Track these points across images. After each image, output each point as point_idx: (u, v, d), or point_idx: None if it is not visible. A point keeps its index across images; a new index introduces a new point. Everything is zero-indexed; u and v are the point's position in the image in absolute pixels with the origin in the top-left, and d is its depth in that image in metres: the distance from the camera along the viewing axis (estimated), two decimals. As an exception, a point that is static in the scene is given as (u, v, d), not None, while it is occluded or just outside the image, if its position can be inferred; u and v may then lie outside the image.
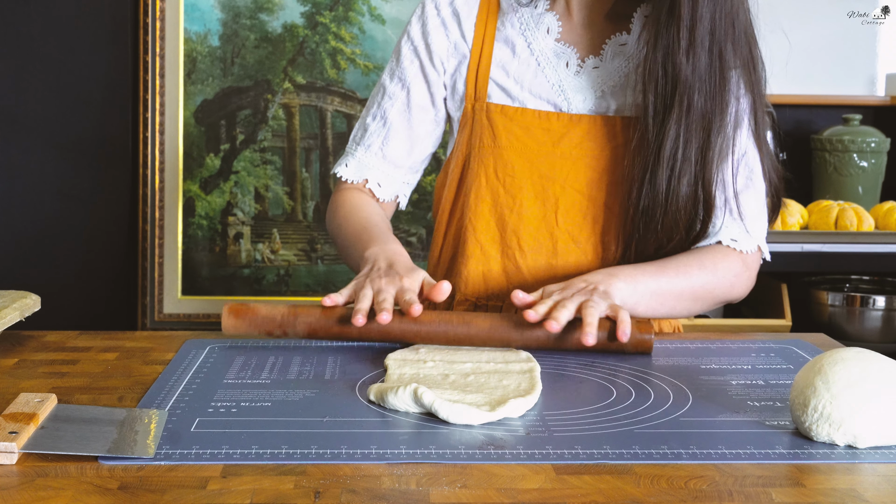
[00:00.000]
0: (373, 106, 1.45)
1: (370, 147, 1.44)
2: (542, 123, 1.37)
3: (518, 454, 0.86)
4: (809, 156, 2.84)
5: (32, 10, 2.65)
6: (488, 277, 1.39)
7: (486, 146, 1.38)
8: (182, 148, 2.69)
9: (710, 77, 1.28)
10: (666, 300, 1.28)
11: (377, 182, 1.44)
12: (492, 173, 1.38)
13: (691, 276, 1.29)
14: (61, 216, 2.71)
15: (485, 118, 1.38)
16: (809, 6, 2.89)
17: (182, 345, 1.21)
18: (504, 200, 1.38)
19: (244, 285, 2.74)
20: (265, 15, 2.70)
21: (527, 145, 1.37)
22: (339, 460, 0.84)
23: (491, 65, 1.39)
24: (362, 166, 1.44)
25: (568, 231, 1.37)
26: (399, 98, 1.42)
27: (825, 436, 0.90)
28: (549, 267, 1.38)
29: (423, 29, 1.42)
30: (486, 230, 1.38)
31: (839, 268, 2.58)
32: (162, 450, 0.86)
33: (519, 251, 1.38)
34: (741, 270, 1.34)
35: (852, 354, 0.92)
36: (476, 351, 1.15)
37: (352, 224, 1.38)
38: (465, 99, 1.40)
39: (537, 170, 1.37)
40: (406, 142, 1.43)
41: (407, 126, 1.43)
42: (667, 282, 1.27)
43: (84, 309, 2.71)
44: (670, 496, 0.78)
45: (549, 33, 1.39)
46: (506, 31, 1.39)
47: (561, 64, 1.38)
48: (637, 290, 1.24)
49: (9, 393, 1.02)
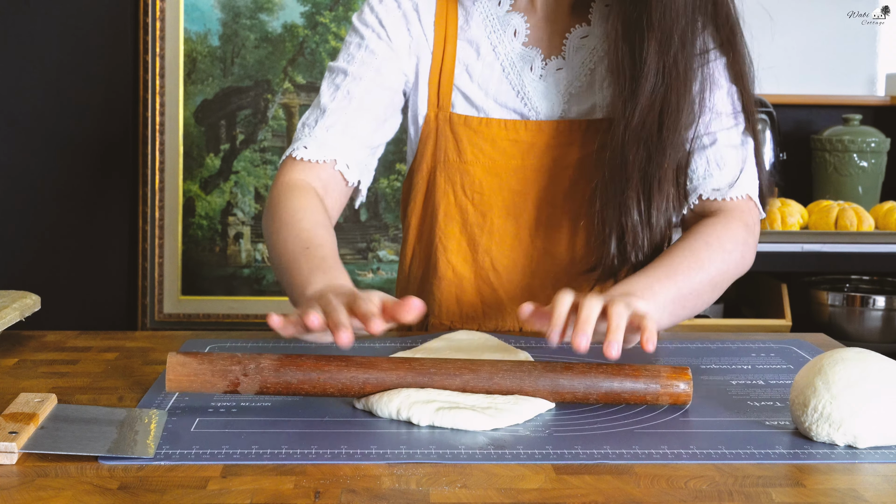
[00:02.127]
0: (330, 89, 1.30)
1: (332, 127, 1.28)
2: (508, 135, 1.30)
3: (518, 454, 0.86)
4: (809, 156, 2.84)
5: (32, 11, 2.65)
6: (462, 300, 1.34)
7: (452, 161, 1.31)
8: (182, 148, 2.69)
9: (682, 59, 1.20)
10: (687, 302, 1.16)
11: (346, 163, 1.28)
12: (459, 190, 1.32)
13: (704, 264, 1.17)
14: (61, 216, 2.71)
15: (448, 130, 1.31)
16: (809, 6, 2.89)
17: (182, 345, 1.21)
18: (474, 219, 1.32)
19: (244, 285, 2.74)
20: (265, 15, 2.70)
21: (494, 160, 1.31)
22: (339, 460, 0.84)
23: (455, 68, 1.32)
24: (326, 147, 1.27)
25: (544, 247, 1.32)
26: (365, 78, 1.30)
27: (825, 436, 0.90)
28: (527, 286, 1.33)
29: (382, 20, 1.31)
30: (457, 250, 1.33)
31: (839, 268, 2.58)
32: (162, 450, 0.86)
33: (493, 272, 1.33)
34: (746, 236, 1.24)
35: (852, 354, 0.92)
36: (476, 353, 1.14)
37: (291, 237, 1.17)
38: (428, 105, 1.33)
39: (507, 186, 1.31)
40: (372, 122, 1.30)
41: (373, 105, 1.30)
42: (684, 281, 1.15)
43: (84, 309, 2.71)
44: (670, 496, 0.78)
45: (515, 36, 1.32)
46: (470, 31, 1.32)
47: (525, 68, 1.31)
48: (658, 303, 1.09)
49: (9, 393, 1.02)
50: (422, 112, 1.34)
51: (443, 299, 1.35)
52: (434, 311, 1.36)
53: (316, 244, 1.15)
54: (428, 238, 1.35)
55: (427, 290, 1.36)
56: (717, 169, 1.26)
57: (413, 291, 1.38)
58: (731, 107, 1.27)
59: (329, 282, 1.06)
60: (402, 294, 1.40)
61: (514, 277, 1.33)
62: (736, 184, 1.26)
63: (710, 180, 1.26)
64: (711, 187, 1.26)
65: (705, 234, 1.21)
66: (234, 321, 2.73)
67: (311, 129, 1.29)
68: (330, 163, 1.27)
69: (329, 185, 1.28)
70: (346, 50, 1.32)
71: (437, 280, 1.34)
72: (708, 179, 1.26)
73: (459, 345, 1.16)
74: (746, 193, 1.27)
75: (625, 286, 1.10)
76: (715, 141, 1.26)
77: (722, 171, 1.26)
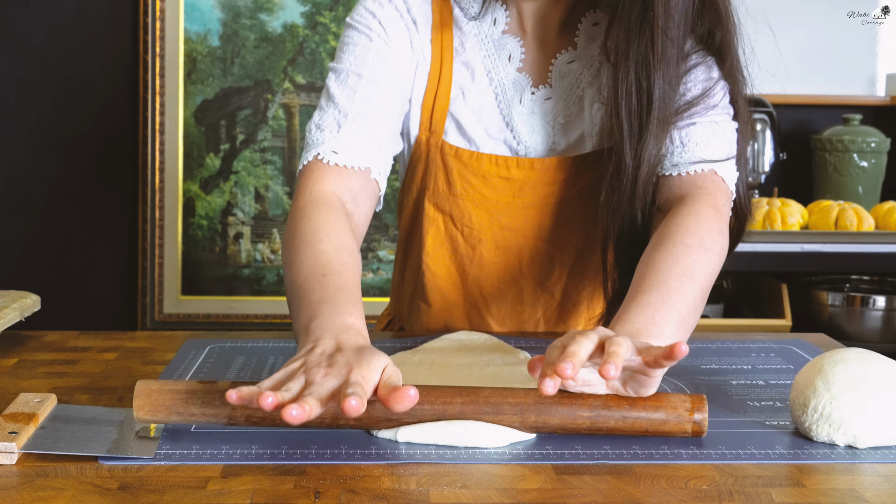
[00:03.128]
0: (345, 91, 1.19)
1: (359, 133, 1.17)
2: (499, 171, 1.25)
3: (518, 454, 0.86)
4: (809, 156, 2.85)
5: (32, 10, 2.65)
6: (451, 328, 1.32)
7: (442, 192, 1.26)
8: (182, 148, 2.69)
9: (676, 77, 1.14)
10: (689, 319, 1.04)
11: (379, 171, 1.18)
12: (449, 220, 1.28)
13: (693, 274, 1.05)
14: (61, 216, 2.71)
15: (440, 159, 1.25)
16: (809, 6, 2.89)
17: (182, 345, 1.21)
18: (464, 250, 1.29)
19: (244, 285, 2.74)
20: (265, 15, 2.70)
21: (485, 195, 1.26)
22: (339, 460, 0.84)
23: (451, 91, 1.24)
24: (358, 153, 1.16)
25: (534, 278, 1.30)
26: (382, 83, 1.20)
27: (825, 436, 0.90)
28: (516, 314, 1.32)
29: (384, 26, 1.22)
30: (447, 277, 1.31)
31: (839, 268, 2.58)
32: (162, 450, 0.86)
33: (482, 301, 1.31)
34: (719, 223, 1.13)
35: (853, 355, 0.92)
36: (476, 353, 1.13)
37: (308, 260, 1.04)
38: (420, 127, 1.26)
39: (497, 221, 1.27)
40: (392, 130, 1.22)
41: (392, 113, 1.21)
42: (680, 302, 1.02)
43: (84, 309, 2.71)
44: (670, 496, 0.78)
45: (510, 61, 1.25)
46: (465, 54, 1.25)
47: (515, 99, 1.25)
48: (664, 333, 0.98)
49: (9, 393, 1.02)
50: (413, 132, 1.27)
51: (431, 324, 1.33)
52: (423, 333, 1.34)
53: (335, 271, 1.02)
54: (418, 255, 1.32)
55: (415, 310, 1.35)
56: (681, 146, 1.17)
57: (405, 309, 1.37)
58: (713, 99, 1.19)
59: (333, 318, 0.95)
60: (397, 305, 1.39)
61: (504, 306, 1.31)
62: (700, 159, 1.16)
63: (671, 157, 1.17)
64: (670, 163, 1.17)
65: (681, 233, 1.09)
66: (234, 321, 2.73)
67: (333, 132, 1.16)
68: (364, 171, 1.16)
69: (360, 196, 1.17)
70: (350, 51, 1.21)
71: (427, 305, 1.33)
72: (668, 157, 1.17)
73: (460, 345, 1.16)
74: (711, 168, 1.16)
75: (626, 325, 0.98)
76: (692, 124, 1.18)
77: (685, 147, 1.17)
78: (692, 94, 1.18)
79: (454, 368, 1.07)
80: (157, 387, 0.89)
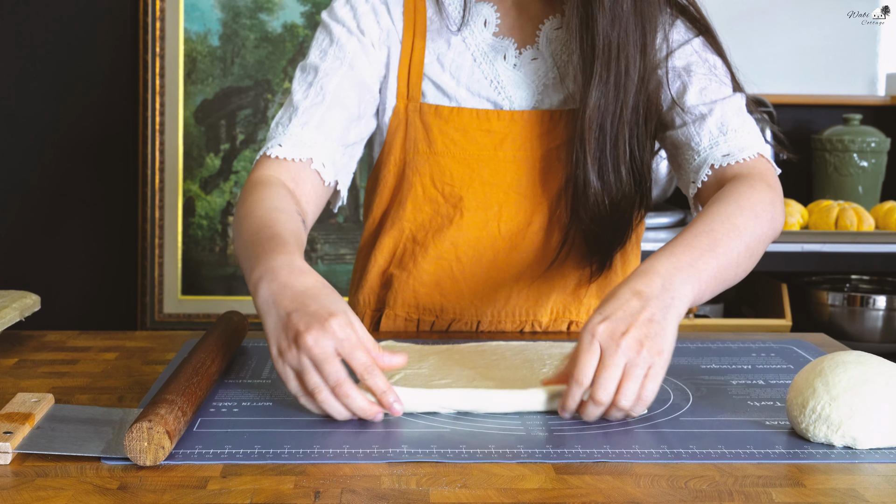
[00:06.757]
0: (302, 87, 1.26)
1: (306, 125, 1.23)
2: (481, 124, 1.29)
3: (518, 454, 0.86)
4: (809, 156, 2.84)
5: (32, 10, 2.65)
6: (419, 292, 1.33)
7: (422, 153, 1.30)
8: (182, 148, 2.69)
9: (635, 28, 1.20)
10: (727, 274, 1.08)
11: (322, 162, 1.23)
12: (428, 182, 1.31)
13: (741, 231, 1.10)
14: (61, 216, 2.71)
15: (419, 121, 1.30)
16: (809, 6, 2.89)
17: (182, 345, 1.21)
18: (444, 210, 1.31)
19: (244, 285, 2.74)
20: (265, 15, 2.70)
21: (466, 150, 1.29)
22: (339, 460, 0.84)
23: (424, 58, 1.30)
24: (301, 144, 1.23)
25: (510, 239, 1.31)
26: (337, 73, 1.26)
27: (822, 437, 0.90)
28: (488, 277, 1.33)
29: (353, 13, 1.29)
30: (422, 242, 1.32)
31: (839, 268, 2.58)
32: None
33: (457, 263, 1.32)
34: (773, 197, 1.18)
35: (853, 358, 0.92)
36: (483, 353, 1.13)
37: (247, 224, 1.12)
38: (398, 96, 1.30)
39: (478, 176, 1.30)
40: (346, 118, 1.26)
41: (346, 101, 1.26)
42: (724, 254, 1.07)
43: (84, 309, 2.71)
44: (670, 496, 0.78)
45: (486, 26, 1.30)
46: (438, 22, 1.30)
47: (499, 57, 1.29)
48: (701, 281, 1.03)
49: (8, 393, 1.02)
50: (390, 104, 1.31)
51: (399, 289, 1.34)
52: (389, 302, 1.35)
53: (266, 226, 1.09)
54: (391, 230, 1.33)
55: (384, 281, 1.36)
56: (722, 135, 1.22)
57: (370, 280, 1.36)
58: (719, 79, 1.25)
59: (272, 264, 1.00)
60: (357, 284, 1.39)
61: (478, 270, 1.32)
62: (746, 145, 1.22)
63: (717, 148, 1.22)
64: (721, 154, 1.22)
65: (734, 196, 1.14)
66: (234, 321, 2.72)
67: (284, 127, 1.24)
68: (306, 161, 1.22)
69: (300, 180, 1.23)
70: (317, 47, 1.29)
71: (399, 271, 1.33)
72: (715, 148, 1.22)
73: (476, 349, 1.15)
74: (758, 152, 1.22)
75: (670, 259, 1.03)
76: (713, 110, 1.23)
77: (727, 136, 1.22)
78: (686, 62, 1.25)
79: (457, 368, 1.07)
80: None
